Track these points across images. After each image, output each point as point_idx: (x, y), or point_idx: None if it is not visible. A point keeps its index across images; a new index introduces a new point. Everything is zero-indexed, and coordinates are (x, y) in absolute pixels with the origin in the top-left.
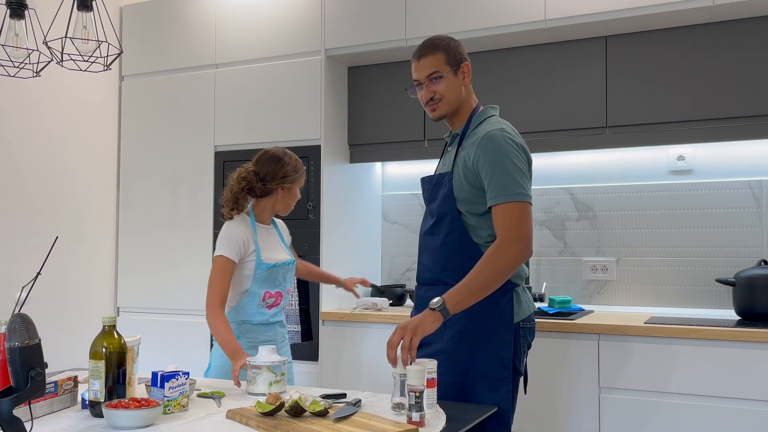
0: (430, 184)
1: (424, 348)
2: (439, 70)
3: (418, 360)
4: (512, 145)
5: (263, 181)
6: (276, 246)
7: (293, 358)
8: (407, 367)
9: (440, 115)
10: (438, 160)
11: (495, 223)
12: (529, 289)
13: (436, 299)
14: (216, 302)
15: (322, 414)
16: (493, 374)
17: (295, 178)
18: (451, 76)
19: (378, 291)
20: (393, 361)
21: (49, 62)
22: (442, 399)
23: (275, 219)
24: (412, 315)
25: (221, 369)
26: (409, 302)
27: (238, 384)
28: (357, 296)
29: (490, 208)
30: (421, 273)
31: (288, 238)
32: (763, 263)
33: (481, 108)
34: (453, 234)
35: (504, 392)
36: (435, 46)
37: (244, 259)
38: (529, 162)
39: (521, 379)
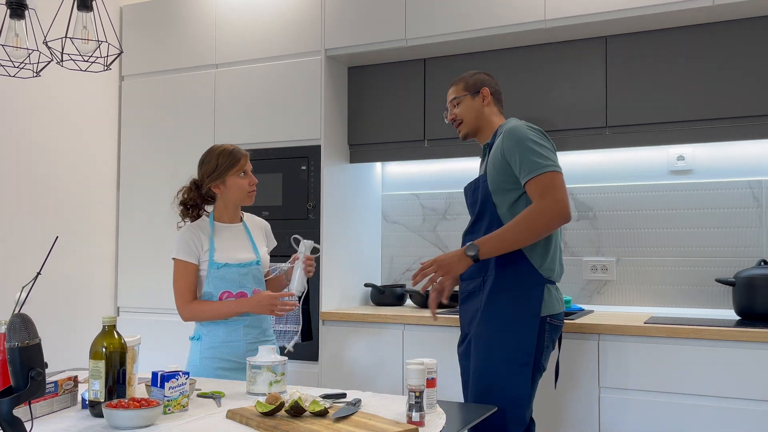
0: (470, 190)
1: (468, 337)
2: (457, 95)
3: (418, 360)
4: (531, 128)
5: (199, 189)
6: (238, 246)
7: (292, 359)
8: (408, 367)
9: (464, 135)
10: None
11: (531, 195)
12: None
13: (471, 245)
14: (184, 300)
15: (322, 414)
16: (514, 359)
17: (220, 173)
18: (468, 98)
19: (378, 291)
20: (417, 281)
21: (49, 62)
22: (470, 384)
23: (249, 220)
24: (459, 315)
25: (196, 367)
26: (409, 302)
27: (289, 296)
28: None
29: (524, 187)
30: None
31: (263, 240)
32: (763, 263)
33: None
34: (492, 227)
35: (524, 378)
36: (458, 79)
37: (202, 259)
38: (552, 144)
39: (542, 375)
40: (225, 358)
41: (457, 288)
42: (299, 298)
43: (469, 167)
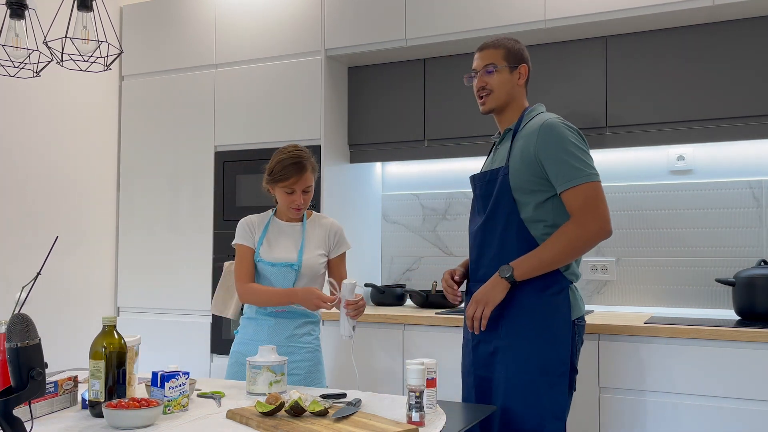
0: (482, 181)
1: (482, 346)
2: (495, 62)
3: (418, 360)
4: (570, 129)
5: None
6: (284, 245)
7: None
8: (408, 367)
9: (488, 109)
10: (485, 157)
11: (568, 207)
12: None
13: (505, 267)
14: (241, 281)
15: (322, 414)
16: (552, 370)
17: (271, 180)
18: (505, 71)
19: (378, 291)
20: (475, 329)
21: (49, 62)
22: (499, 397)
23: (314, 221)
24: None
25: (233, 369)
26: (409, 302)
27: (330, 302)
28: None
29: (560, 195)
30: (475, 270)
31: (323, 243)
32: (763, 263)
33: (533, 106)
34: (510, 229)
35: (562, 389)
36: (498, 42)
37: (256, 249)
38: (588, 147)
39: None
40: (249, 355)
41: (463, 288)
42: (349, 337)
43: (470, 167)
